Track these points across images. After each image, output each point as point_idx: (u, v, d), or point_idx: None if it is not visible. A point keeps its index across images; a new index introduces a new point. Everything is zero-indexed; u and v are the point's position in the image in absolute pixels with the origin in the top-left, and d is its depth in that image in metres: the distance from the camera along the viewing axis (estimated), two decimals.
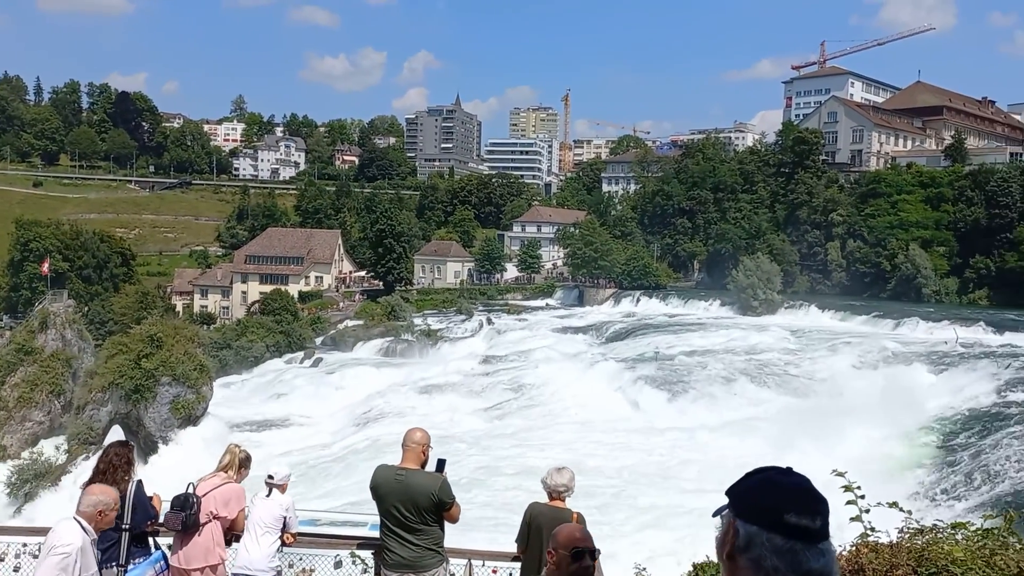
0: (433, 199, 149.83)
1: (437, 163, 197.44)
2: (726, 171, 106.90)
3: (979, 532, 6.42)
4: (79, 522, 5.81)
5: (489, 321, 77.88)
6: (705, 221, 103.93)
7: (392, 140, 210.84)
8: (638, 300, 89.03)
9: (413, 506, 6.73)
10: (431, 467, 7.06)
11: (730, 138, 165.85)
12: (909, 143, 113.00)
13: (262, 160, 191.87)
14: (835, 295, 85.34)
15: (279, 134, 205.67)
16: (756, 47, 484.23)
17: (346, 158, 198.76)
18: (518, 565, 7.91)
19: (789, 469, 1.95)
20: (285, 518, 7.81)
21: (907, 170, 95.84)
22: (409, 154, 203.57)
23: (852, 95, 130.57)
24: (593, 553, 3.38)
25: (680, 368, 46.96)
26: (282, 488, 7.99)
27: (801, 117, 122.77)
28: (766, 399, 39.78)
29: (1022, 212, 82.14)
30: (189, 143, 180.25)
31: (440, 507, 6.80)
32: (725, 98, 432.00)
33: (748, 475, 1.95)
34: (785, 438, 29.00)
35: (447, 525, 7.13)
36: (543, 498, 7.77)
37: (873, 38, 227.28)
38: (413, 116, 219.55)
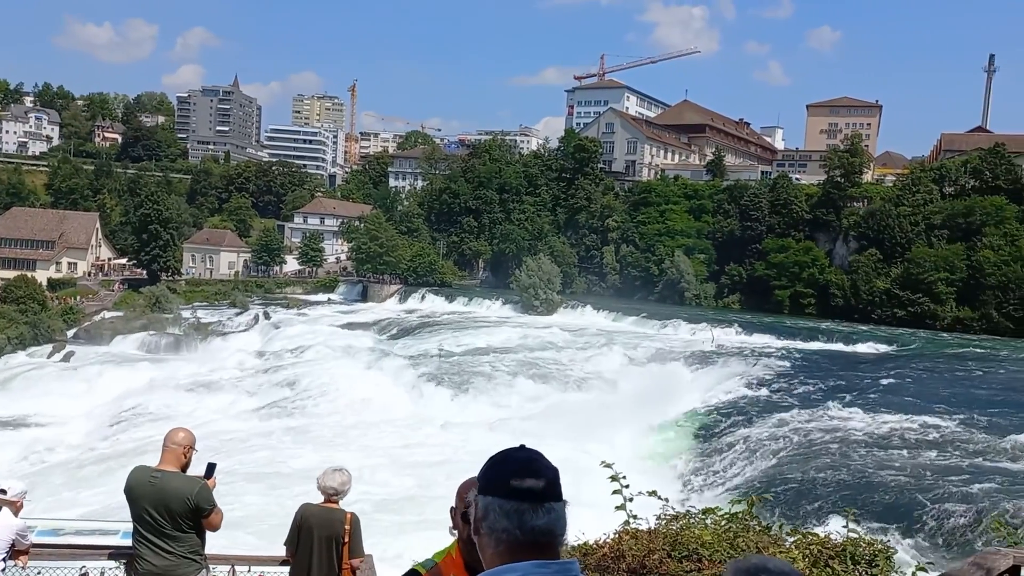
0: (206, 184, 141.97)
1: (212, 146, 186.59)
2: (511, 173, 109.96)
3: (726, 516, 6.94)
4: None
5: (266, 315, 74.84)
6: (491, 221, 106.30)
7: (161, 119, 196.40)
8: (423, 297, 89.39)
9: (167, 511, 6.20)
10: (198, 471, 6.57)
11: (516, 141, 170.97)
12: (677, 157, 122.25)
13: (7, 132, 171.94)
14: (609, 296, 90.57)
15: (28, 104, 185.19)
16: (542, 55, 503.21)
17: (108, 135, 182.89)
18: (287, 570, 7.56)
19: (522, 446, 2.23)
20: (13, 541, 6.85)
21: (674, 182, 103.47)
22: (180, 135, 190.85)
23: (628, 108, 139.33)
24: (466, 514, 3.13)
25: (463, 365, 47.60)
26: (15, 506, 7.03)
27: (582, 125, 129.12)
28: (544, 395, 41.20)
29: (769, 225, 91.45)
30: None
31: (197, 513, 6.31)
32: (512, 101, 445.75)
33: (489, 458, 2.21)
34: (561, 432, 30.13)
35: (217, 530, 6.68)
36: (319, 499, 7.53)
37: (647, 56, 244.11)
38: (186, 95, 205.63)
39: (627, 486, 7.17)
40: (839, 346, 58.51)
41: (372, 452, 30.24)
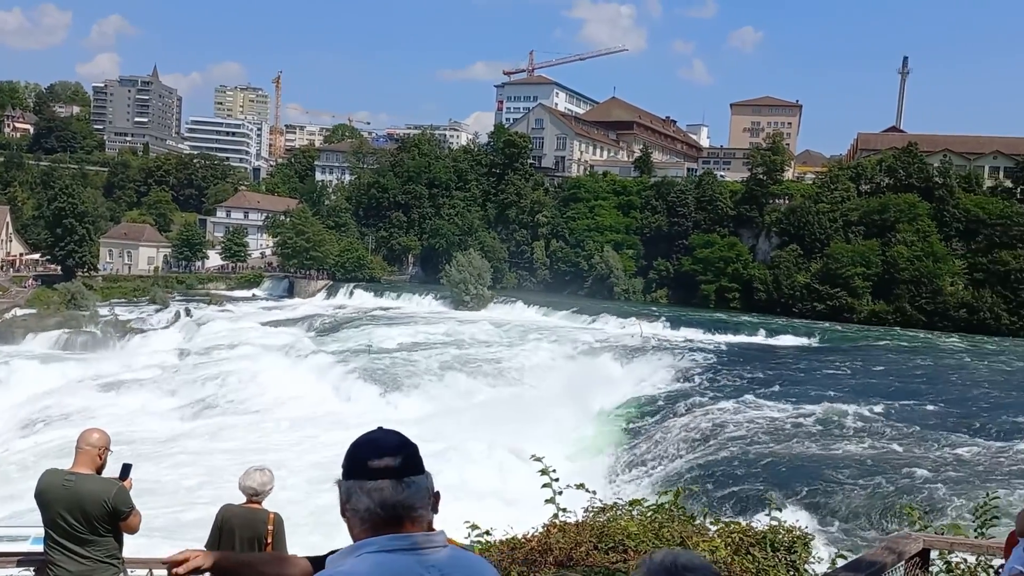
0: (124, 177, 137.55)
1: (130, 138, 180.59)
2: (441, 168, 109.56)
3: (652, 508, 7.06)
4: None
5: (188, 312, 72.92)
6: (420, 216, 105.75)
7: (76, 109, 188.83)
8: (352, 293, 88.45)
9: (83, 515, 5.97)
10: (112, 472, 6.35)
11: (445, 135, 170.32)
12: (605, 153, 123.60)
13: None
14: (540, 291, 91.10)
15: None
16: (471, 49, 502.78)
17: (18, 125, 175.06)
18: (207, 573, 7.36)
19: (379, 428, 2.33)
20: None
21: (603, 178, 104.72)
22: (97, 126, 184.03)
23: (557, 104, 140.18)
24: None
25: (393, 361, 47.19)
26: None
27: (512, 121, 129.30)
28: (475, 390, 41.08)
29: (696, 221, 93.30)
30: None
31: (115, 516, 6.10)
32: (441, 95, 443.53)
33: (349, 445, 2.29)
34: (492, 426, 30.16)
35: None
36: (241, 500, 7.39)
37: (575, 53, 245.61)
38: (102, 85, 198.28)
39: (557, 479, 7.23)
40: (762, 339, 60.13)
41: (297, 451, 29.74)
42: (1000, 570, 5.75)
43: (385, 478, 2.16)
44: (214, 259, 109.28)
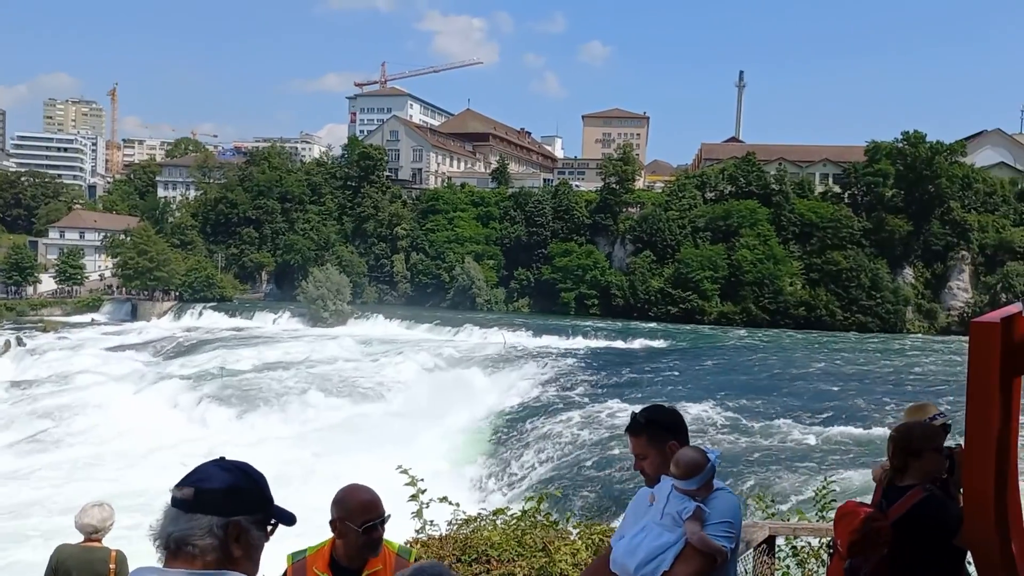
0: None
1: None
2: (293, 181, 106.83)
3: (515, 516, 7.06)
4: None
5: (19, 341, 67.43)
6: (273, 231, 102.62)
7: None
8: (201, 313, 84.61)
9: None
10: None
11: (297, 148, 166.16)
12: (462, 165, 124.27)
13: None
14: (401, 305, 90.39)
15: None
16: (322, 60, 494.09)
17: None
18: None
19: (221, 457, 2.35)
20: None
21: (461, 190, 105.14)
22: None
23: (412, 116, 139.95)
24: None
25: (249, 382, 45.43)
26: None
27: (366, 133, 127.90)
28: (338, 407, 40.18)
29: (554, 231, 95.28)
30: None
31: None
32: (292, 107, 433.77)
33: None
34: (356, 444, 29.58)
35: None
36: (78, 539, 6.87)
37: (429, 65, 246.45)
38: None
39: (424, 491, 7.13)
40: (621, 343, 62.04)
41: (145, 481, 28.00)
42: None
43: (174, 507, 2.20)
44: (48, 283, 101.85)
